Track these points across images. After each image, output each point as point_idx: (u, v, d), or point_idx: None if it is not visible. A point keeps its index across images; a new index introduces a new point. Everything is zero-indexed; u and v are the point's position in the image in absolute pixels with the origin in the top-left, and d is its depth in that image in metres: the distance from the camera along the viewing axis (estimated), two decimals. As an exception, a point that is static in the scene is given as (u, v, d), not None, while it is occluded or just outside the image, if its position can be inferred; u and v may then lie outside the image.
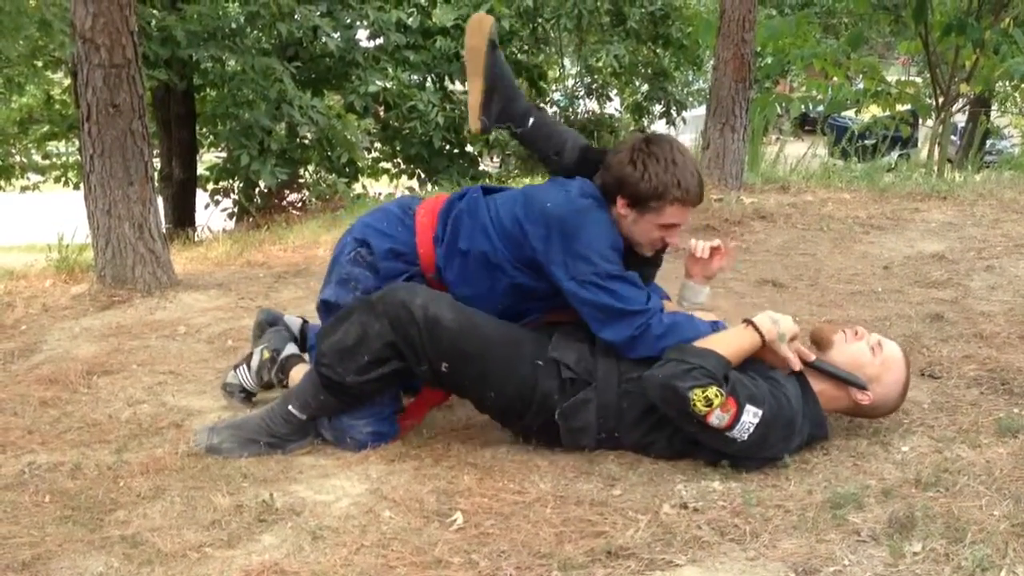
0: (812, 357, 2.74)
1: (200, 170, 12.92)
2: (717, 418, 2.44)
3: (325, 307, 2.93)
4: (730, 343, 2.60)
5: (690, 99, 18.60)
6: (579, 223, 2.66)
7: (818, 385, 2.69)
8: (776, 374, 2.64)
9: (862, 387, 2.70)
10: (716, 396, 2.43)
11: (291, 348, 3.11)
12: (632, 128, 16.64)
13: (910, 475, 2.46)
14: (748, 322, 2.64)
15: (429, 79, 13.99)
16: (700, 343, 2.58)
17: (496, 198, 2.85)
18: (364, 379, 2.64)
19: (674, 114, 17.24)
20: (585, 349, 2.70)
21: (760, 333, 2.62)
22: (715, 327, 2.72)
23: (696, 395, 2.42)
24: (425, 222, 2.87)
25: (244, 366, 3.15)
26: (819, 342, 2.76)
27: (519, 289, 2.78)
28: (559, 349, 2.70)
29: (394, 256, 2.86)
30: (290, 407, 2.75)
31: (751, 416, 2.46)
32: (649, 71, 17.28)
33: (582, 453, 2.68)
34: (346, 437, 2.76)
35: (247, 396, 3.14)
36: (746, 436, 2.47)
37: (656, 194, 2.64)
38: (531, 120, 2.71)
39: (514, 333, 2.73)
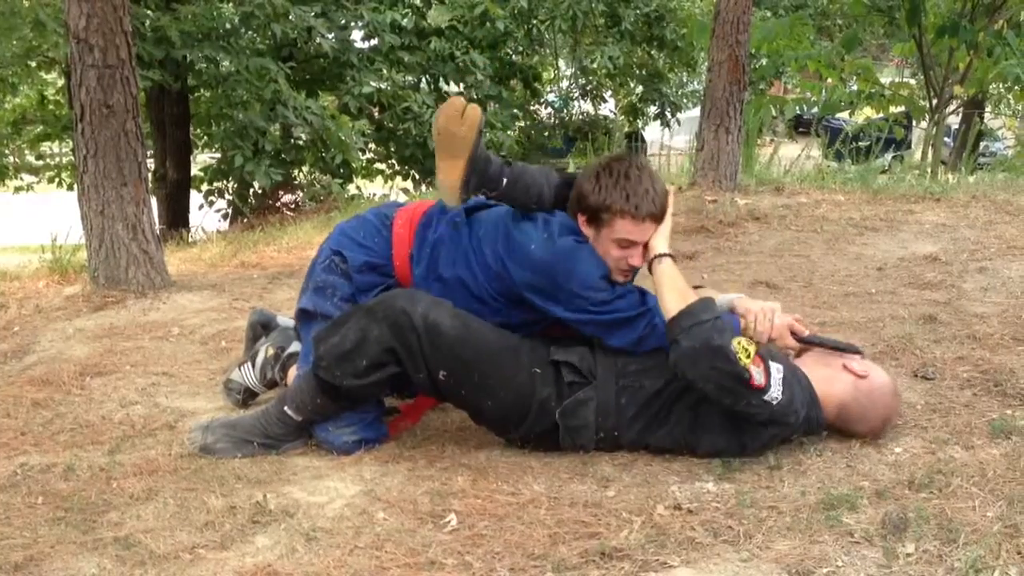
0: (805, 332, 2.80)
1: (194, 171, 12.90)
2: (758, 375, 2.45)
3: (304, 315, 2.93)
4: (681, 281, 2.62)
5: (684, 101, 18.65)
6: (566, 267, 2.67)
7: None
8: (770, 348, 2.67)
9: (857, 352, 2.75)
10: (749, 344, 2.47)
11: (295, 346, 3.11)
12: (627, 129, 16.65)
13: (903, 476, 2.46)
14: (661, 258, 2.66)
15: (424, 80, 14.00)
16: (675, 295, 2.58)
17: (478, 226, 2.82)
18: (361, 383, 2.63)
19: (668, 115, 17.29)
20: (585, 350, 2.72)
21: (670, 257, 2.66)
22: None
23: (738, 349, 2.44)
24: (402, 233, 2.86)
25: (248, 364, 3.15)
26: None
27: (502, 318, 2.79)
28: (561, 352, 2.71)
29: (369, 269, 2.87)
30: (286, 408, 2.74)
31: (776, 372, 2.50)
32: (644, 73, 17.33)
33: (576, 455, 2.68)
34: (333, 447, 2.75)
35: (250, 395, 3.14)
36: (780, 394, 2.49)
37: (604, 206, 2.64)
38: (504, 180, 2.69)
39: (512, 341, 2.73)
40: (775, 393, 2.48)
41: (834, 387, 2.69)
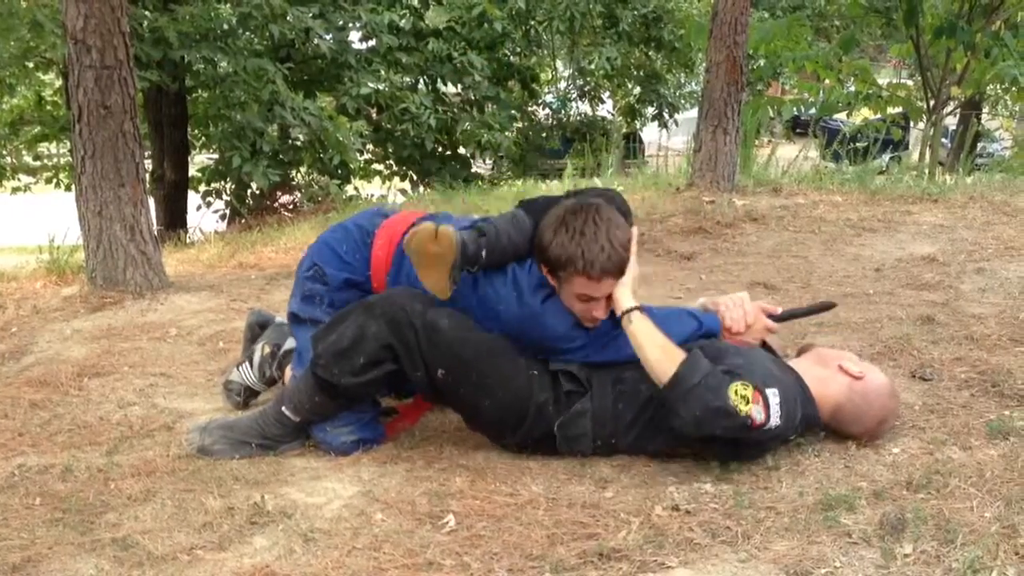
0: (778, 311, 2.86)
1: (192, 171, 12.90)
2: (758, 414, 2.44)
3: (294, 319, 2.97)
4: (657, 337, 2.58)
5: (682, 101, 18.68)
6: (534, 326, 2.68)
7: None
8: (754, 356, 2.65)
9: (829, 306, 2.87)
10: (745, 388, 2.44)
11: (291, 342, 3.12)
12: (624, 130, 16.65)
13: (901, 477, 2.46)
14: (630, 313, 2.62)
15: (421, 81, 14.01)
16: (655, 354, 2.56)
17: None
18: (359, 381, 2.63)
19: (666, 116, 17.30)
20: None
21: (639, 311, 2.62)
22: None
23: (735, 400, 2.41)
24: (381, 256, 2.87)
25: (246, 363, 3.15)
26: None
27: None
28: (559, 361, 2.71)
29: (349, 287, 2.89)
30: (283, 409, 2.74)
31: (774, 398, 2.48)
32: (641, 73, 17.35)
33: (574, 456, 2.68)
34: (331, 448, 2.75)
35: (251, 395, 3.14)
36: (779, 419, 2.47)
37: (560, 264, 2.60)
38: (483, 254, 2.66)
39: (510, 343, 2.73)
40: (775, 421, 2.47)
41: (829, 388, 2.69)
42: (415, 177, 13.98)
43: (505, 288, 2.70)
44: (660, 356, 2.53)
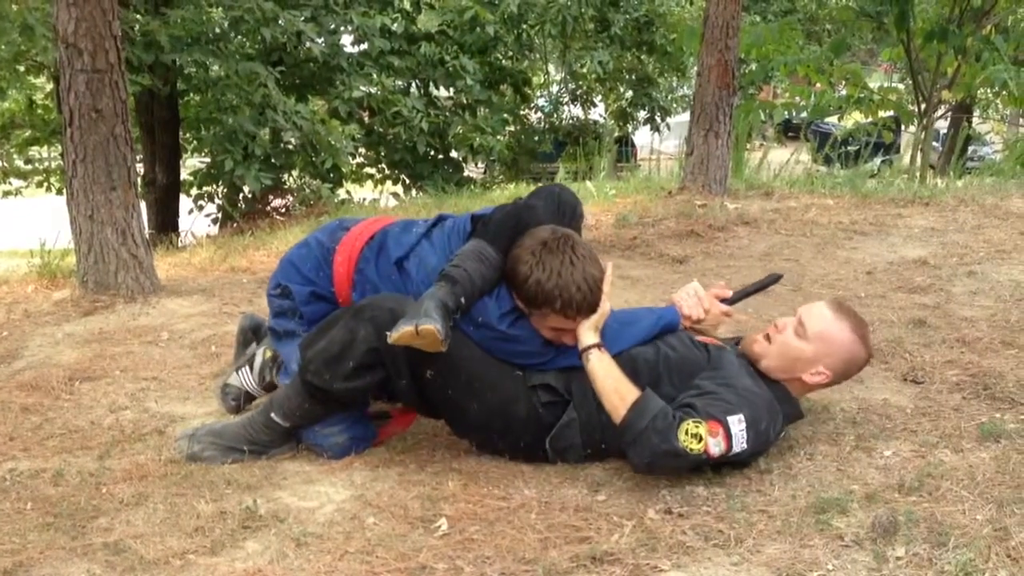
0: (728, 293, 2.93)
1: (184, 175, 12.85)
2: (715, 447, 2.42)
3: (272, 333, 3.01)
4: (611, 376, 2.59)
5: (674, 105, 18.67)
6: (504, 349, 2.70)
7: (771, 367, 2.73)
8: (725, 374, 2.64)
9: (776, 279, 2.95)
10: (696, 426, 2.42)
11: None
12: (616, 134, 16.67)
13: (893, 480, 2.47)
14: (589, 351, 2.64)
15: (414, 85, 14.00)
16: (609, 395, 2.56)
17: (412, 285, 2.77)
18: (351, 386, 2.61)
19: (658, 120, 17.31)
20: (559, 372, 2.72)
21: (598, 348, 2.63)
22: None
23: (685, 441, 2.40)
24: (342, 271, 2.87)
25: (246, 367, 3.14)
26: (752, 360, 2.76)
27: None
28: (536, 375, 2.71)
29: (316, 299, 2.90)
30: (272, 415, 2.73)
31: (738, 426, 2.46)
32: (633, 77, 17.35)
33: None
34: (324, 449, 2.75)
35: (247, 400, 3.12)
36: (746, 444, 2.47)
37: (536, 303, 2.62)
38: (462, 301, 2.65)
39: None
40: (738, 447, 2.47)
41: (808, 387, 2.74)
42: (407, 181, 13.95)
43: (474, 317, 2.70)
44: (613, 398, 2.54)
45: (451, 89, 14.07)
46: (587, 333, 2.64)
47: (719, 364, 2.66)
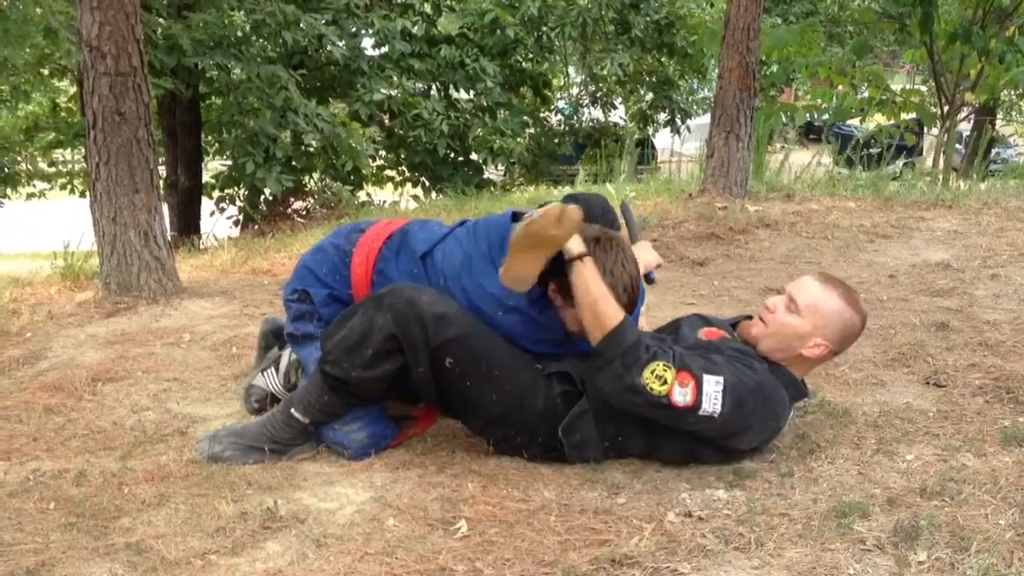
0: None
1: (205, 178, 12.96)
2: (680, 395, 2.43)
3: (291, 338, 3.01)
4: (591, 292, 2.51)
5: (695, 107, 18.67)
6: (526, 333, 2.70)
7: (770, 348, 2.70)
8: (726, 345, 2.64)
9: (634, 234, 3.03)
10: (665, 369, 2.43)
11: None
12: (637, 136, 16.66)
13: (915, 484, 2.45)
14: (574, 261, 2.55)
15: (434, 87, 14.05)
16: (587, 311, 2.52)
17: (437, 276, 2.78)
18: (370, 374, 2.61)
19: (678, 122, 17.29)
20: (577, 361, 2.72)
21: (583, 259, 2.55)
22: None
23: (648, 380, 2.43)
24: (360, 272, 2.89)
25: (272, 368, 3.15)
26: (751, 345, 2.74)
27: None
28: (554, 364, 2.71)
29: (334, 300, 2.92)
30: (292, 411, 2.74)
31: (713, 385, 2.46)
32: (653, 80, 17.34)
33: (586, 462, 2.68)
34: (344, 448, 2.76)
35: (271, 401, 3.12)
36: (719, 407, 2.46)
37: None
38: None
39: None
40: (709, 408, 2.46)
41: (810, 361, 2.72)
42: (427, 183, 14.00)
43: (503, 302, 2.70)
44: (590, 316, 2.51)
45: (471, 92, 14.10)
46: (576, 242, 2.54)
47: (725, 347, 2.67)
